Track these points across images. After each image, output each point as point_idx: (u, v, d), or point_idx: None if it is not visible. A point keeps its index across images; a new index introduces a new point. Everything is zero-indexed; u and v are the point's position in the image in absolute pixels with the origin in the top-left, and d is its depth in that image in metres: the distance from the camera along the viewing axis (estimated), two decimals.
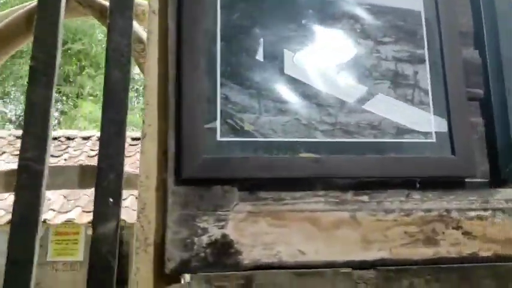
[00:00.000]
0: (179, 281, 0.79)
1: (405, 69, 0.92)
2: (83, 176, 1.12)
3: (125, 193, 0.93)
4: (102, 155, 0.81)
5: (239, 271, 0.79)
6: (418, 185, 0.88)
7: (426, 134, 0.90)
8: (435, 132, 0.90)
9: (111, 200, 0.79)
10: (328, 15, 0.91)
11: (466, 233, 0.87)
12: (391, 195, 0.89)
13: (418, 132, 0.89)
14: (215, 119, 0.84)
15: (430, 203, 0.89)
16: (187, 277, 0.80)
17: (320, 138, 0.87)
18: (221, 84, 0.86)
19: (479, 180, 0.92)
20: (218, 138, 0.83)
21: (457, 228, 0.87)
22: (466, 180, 0.91)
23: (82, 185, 1.12)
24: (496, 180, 0.92)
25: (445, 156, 0.89)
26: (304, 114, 0.87)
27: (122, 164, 0.81)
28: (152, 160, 0.86)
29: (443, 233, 0.87)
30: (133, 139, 5.90)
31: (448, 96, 0.91)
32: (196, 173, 0.80)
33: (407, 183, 0.89)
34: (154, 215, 0.83)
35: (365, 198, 0.88)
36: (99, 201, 0.79)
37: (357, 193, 0.88)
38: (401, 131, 0.89)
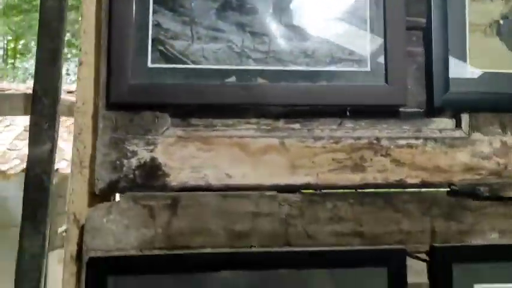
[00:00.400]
0: (110, 201, 0.84)
1: None
2: (28, 102, 1.16)
3: None
4: (37, 81, 0.84)
5: (166, 192, 0.84)
6: (348, 113, 0.89)
7: (360, 62, 0.89)
8: (370, 60, 0.89)
9: (46, 124, 0.83)
10: None
11: (394, 161, 0.89)
12: (323, 123, 0.90)
13: (352, 60, 0.89)
14: (146, 46, 0.85)
15: (362, 131, 0.90)
16: (117, 197, 0.85)
17: (252, 66, 0.87)
18: (153, 11, 0.86)
19: (414, 109, 0.92)
20: (149, 64, 0.85)
21: (386, 155, 0.89)
22: (401, 110, 0.92)
23: (27, 111, 1.17)
24: (432, 110, 0.92)
25: (377, 85, 0.89)
26: (237, 42, 0.87)
27: (56, 90, 0.84)
28: (88, 87, 0.88)
29: (372, 160, 0.89)
30: None
31: (386, 24, 0.90)
32: (124, 98, 0.83)
33: (340, 112, 0.91)
34: (90, 140, 0.87)
35: (297, 126, 0.90)
36: (34, 124, 0.82)
37: (289, 121, 0.90)
38: (335, 59, 0.89)
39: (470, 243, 0.88)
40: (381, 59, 0.89)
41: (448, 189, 0.89)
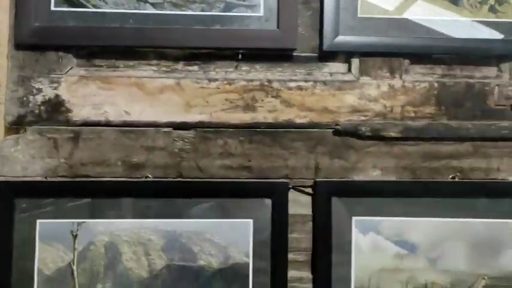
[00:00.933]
0: (19, 133, 0.93)
1: None
2: None
3: None
4: None
5: (69, 126, 0.92)
6: (240, 56, 0.95)
7: (254, 8, 0.94)
8: (263, 6, 0.94)
9: None
10: None
11: (284, 102, 0.95)
12: (221, 66, 0.96)
13: (246, 6, 0.94)
14: None
15: (255, 74, 0.96)
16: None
17: (150, 10, 0.93)
18: None
19: (308, 54, 0.97)
20: (52, 7, 0.92)
21: (276, 97, 0.95)
22: (296, 54, 0.97)
23: None
24: (324, 54, 0.97)
25: (269, 29, 0.94)
26: None
27: None
28: (4, 29, 0.96)
29: (263, 100, 0.95)
30: None
31: None
32: (28, 39, 0.90)
33: (236, 56, 0.96)
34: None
35: (195, 68, 0.96)
36: None
37: (188, 63, 0.96)
38: (230, 5, 0.94)
39: (351, 179, 0.95)
40: (274, 5, 0.94)
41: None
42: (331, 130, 0.95)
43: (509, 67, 0.97)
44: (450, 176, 0.95)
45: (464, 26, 0.96)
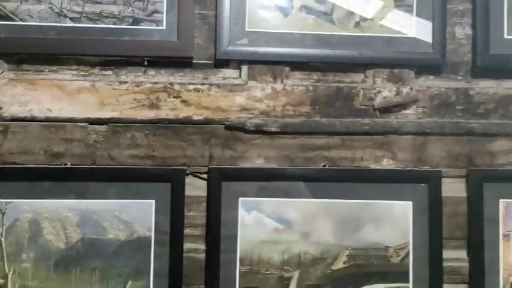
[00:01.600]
0: None
1: None
2: None
3: None
4: None
5: None
6: (146, 63, 1.13)
7: (158, 22, 1.12)
8: (165, 21, 1.12)
9: None
10: None
11: (183, 101, 1.13)
12: (130, 71, 1.14)
13: (151, 21, 1.12)
14: None
15: (160, 78, 1.14)
16: None
17: (69, 23, 1.11)
18: None
19: (206, 61, 1.15)
20: None
21: (177, 97, 1.13)
22: (196, 61, 1.15)
23: None
24: (219, 62, 1.15)
25: (170, 40, 1.12)
26: (56, 4, 1.10)
27: None
28: None
29: (165, 100, 1.13)
30: None
31: None
32: None
33: (143, 63, 1.14)
34: None
35: (109, 72, 1.14)
36: None
37: (103, 68, 1.14)
38: (137, 19, 1.12)
39: (239, 166, 1.13)
40: (175, 20, 1.12)
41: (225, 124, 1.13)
42: (223, 125, 1.13)
43: (373, 73, 1.16)
44: (322, 164, 1.14)
45: (336, 39, 1.15)
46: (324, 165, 1.14)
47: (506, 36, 1.15)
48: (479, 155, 1.16)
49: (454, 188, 1.15)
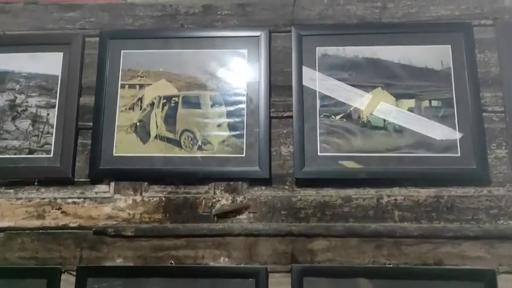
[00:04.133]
0: None
1: (42, 112, 1.49)
2: None
3: None
4: None
5: None
6: (36, 183, 1.45)
7: (48, 151, 1.46)
8: (53, 150, 1.46)
9: None
10: None
11: (63, 212, 1.43)
12: (27, 189, 1.47)
13: (43, 150, 1.46)
14: None
15: (48, 194, 1.45)
16: None
17: None
18: None
19: (84, 179, 1.46)
20: None
21: (58, 209, 1.43)
22: (77, 180, 1.46)
23: None
24: (94, 179, 1.45)
25: (55, 166, 1.45)
26: None
27: None
28: None
29: (50, 212, 1.43)
30: None
31: (64, 127, 1.46)
32: None
33: (38, 182, 1.46)
34: None
35: (11, 191, 1.47)
36: None
37: (7, 188, 1.47)
38: (32, 150, 1.47)
39: (103, 265, 1.38)
40: (59, 149, 1.46)
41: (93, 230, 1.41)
42: (92, 231, 1.41)
43: (214, 186, 1.42)
44: (169, 262, 1.37)
45: (185, 159, 1.43)
46: (171, 263, 1.37)
47: (319, 154, 1.40)
48: (301, 253, 1.36)
49: (280, 282, 1.34)
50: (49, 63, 1.53)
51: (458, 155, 1.36)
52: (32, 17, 1.60)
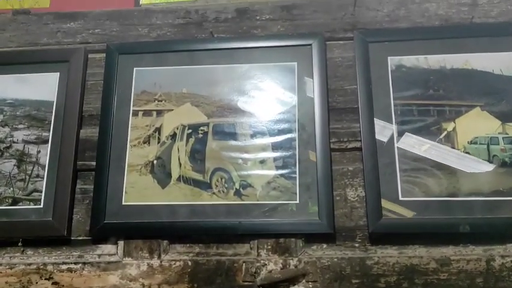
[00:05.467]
0: None
1: (31, 149, 1.15)
2: None
3: None
4: None
5: None
6: (21, 243, 1.10)
7: (36, 201, 1.11)
8: (44, 199, 1.11)
9: None
10: None
11: (55, 283, 1.06)
12: (9, 251, 1.11)
13: (30, 200, 1.11)
14: None
15: (35, 258, 1.09)
16: None
17: None
18: None
19: (84, 238, 1.11)
20: None
21: (49, 279, 1.07)
22: (74, 238, 1.10)
23: None
24: (97, 237, 1.10)
25: (45, 219, 1.09)
26: None
27: None
28: None
29: (37, 283, 1.07)
30: None
31: (59, 169, 1.12)
32: None
33: (23, 242, 1.11)
34: None
35: None
36: None
37: None
38: (16, 199, 1.12)
39: None
40: (51, 199, 1.11)
41: None
42: None
43: (257, 244, 1.05)
44: None
45: (218, 208, 1.07)
46: None
47: (400, 199, 1.03)
48: None
49: None
50: (41, 87, 1.20)
51: None
52: (22, 29, 1.28)
